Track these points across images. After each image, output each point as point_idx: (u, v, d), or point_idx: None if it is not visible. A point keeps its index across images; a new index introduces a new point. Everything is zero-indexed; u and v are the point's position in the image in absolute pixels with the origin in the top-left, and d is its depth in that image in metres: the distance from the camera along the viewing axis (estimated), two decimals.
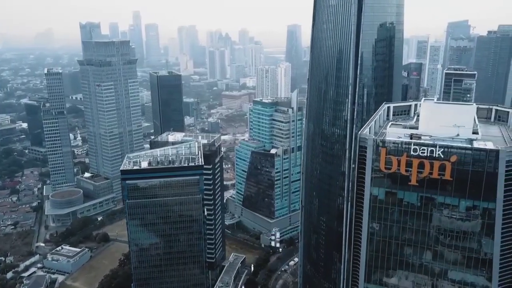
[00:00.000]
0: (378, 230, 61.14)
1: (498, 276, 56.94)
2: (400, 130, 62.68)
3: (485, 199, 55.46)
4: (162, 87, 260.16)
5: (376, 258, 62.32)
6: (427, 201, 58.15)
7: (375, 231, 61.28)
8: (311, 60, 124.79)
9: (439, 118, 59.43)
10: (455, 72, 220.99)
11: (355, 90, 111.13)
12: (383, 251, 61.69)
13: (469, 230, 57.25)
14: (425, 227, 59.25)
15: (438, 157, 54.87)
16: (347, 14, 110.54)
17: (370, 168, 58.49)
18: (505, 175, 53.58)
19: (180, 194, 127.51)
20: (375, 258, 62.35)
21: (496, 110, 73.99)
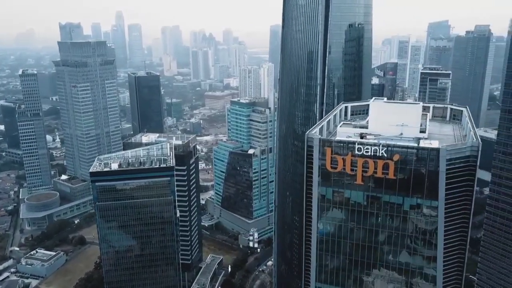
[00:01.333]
0: (327, 229, 61.32)
1: (442, 274, 57.60)
2: (351, 129, 62.93)
3: (428, 197, 56.02)
4: (141, 88, 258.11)
5: (326, 257, 62.56)
6: (373, 200, 58.49)
7: (324, 230, 61.45)
8: (282, 61, 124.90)
9: (387, 117, 59.84)
10: (430, 71, 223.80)
11: (323, 90, 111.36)
12: (332, 250, 61.97)
13: (414, 228, 57.81)
14: (372, 226, 59.64)
15: (381, 156, 55.21)
16: (315, 14, 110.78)
17: (317, 168, 58.61)
18: (446, 174, 54.26)
19: (151, 195, 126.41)
20: (325, 257, 62.58)
21: (451, 109, 75.00)
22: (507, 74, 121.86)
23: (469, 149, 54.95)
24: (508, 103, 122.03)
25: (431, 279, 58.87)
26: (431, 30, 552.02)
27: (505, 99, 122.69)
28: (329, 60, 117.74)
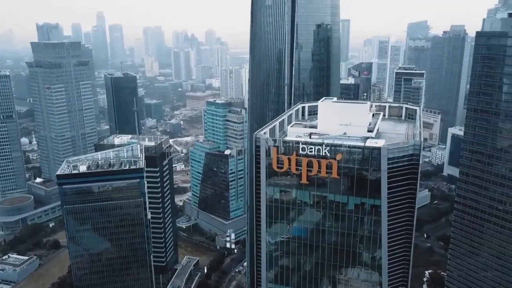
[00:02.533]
0: (276, 229, 61.33)
1: (387, 273, 58.15)
2: (301, 129, 63.12)
3: (371, 196, 56.47)
4: (117, 89, 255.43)
5: (276, 257, 62.60)
6: (319, 199, 58.72)
7: (273, 230, 61.45)
8: (251, 62, 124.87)
9: (336, 117, 60.23)
10: (405, 71, 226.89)
11: (291, 90, 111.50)
12: (281, 250, 62.03)
13: (358, 227, 58.18)
14: (319, 225, 59.86)
15: (325, 155, 55.44)
16: (282, 15, 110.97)
17: (264, 168, 58.59)
18: (388, 172, 54.72)
19: (121, 197, 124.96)
20: (275, 257, 62.60)
21: (406, 108, 75.84)
22: (473, 74, 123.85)
23: (411, 148, 55.51)
24: (474, 102, 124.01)
25: (377, 276, 59.30)
26: (411, 30, 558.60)
27: (471, 98, 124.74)
28: (298, 60, 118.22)
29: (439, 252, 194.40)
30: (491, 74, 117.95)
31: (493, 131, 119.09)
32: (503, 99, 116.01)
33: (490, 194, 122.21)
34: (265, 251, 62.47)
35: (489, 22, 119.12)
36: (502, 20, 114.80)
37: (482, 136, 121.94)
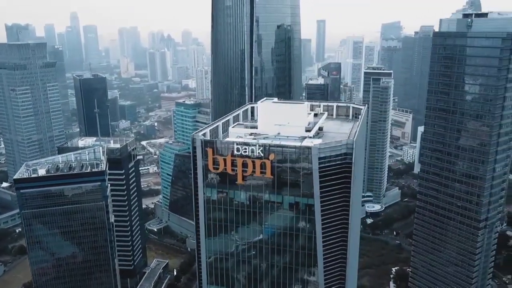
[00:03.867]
0: (214, 230, 61.14)
1: (323, 270, 58.59)
2: (242, 129, 63.13)
3: (305, 195, 56.88)
4: (86, 91, 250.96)
5: (215, 259, 62.42)
6: (255, 199, 58.81)
7: (211, 231, 61.25)
8: (213, 62, 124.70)
9: (275, 117, 60.41)
10: (373, 71, 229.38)
11: (251, 90, 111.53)
12: (221, 252, 61.90)
13: (293, 226, 58.54)
14: (255, 225, 59.99)
15: (258, 155, 55.58)
16: (241, 15, 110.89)
17: (201, 169, 58.37)
18: (320, 171, 55.20)
19: (81, 201, 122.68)
20: (214, 259, 62.42)
21: (353, 107, 76.71)
22: (431, 74, 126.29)
23: (344, 147, 56.04)
24: (433, 101, 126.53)
25: (313, 275, 59.71)
26: (384, 31, 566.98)
27: (430, 98, 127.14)
28: (260, 61, 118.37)
29: (407, 249, 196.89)
30: (448, 74, 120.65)
31: (451, 129, 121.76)
32: (460, 98, 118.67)
33: (449, 191, 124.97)
34: (205, 252, 62.13)
35: (446, 23, 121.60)
36: (457, 21, 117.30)
37: (441, 135, 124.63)
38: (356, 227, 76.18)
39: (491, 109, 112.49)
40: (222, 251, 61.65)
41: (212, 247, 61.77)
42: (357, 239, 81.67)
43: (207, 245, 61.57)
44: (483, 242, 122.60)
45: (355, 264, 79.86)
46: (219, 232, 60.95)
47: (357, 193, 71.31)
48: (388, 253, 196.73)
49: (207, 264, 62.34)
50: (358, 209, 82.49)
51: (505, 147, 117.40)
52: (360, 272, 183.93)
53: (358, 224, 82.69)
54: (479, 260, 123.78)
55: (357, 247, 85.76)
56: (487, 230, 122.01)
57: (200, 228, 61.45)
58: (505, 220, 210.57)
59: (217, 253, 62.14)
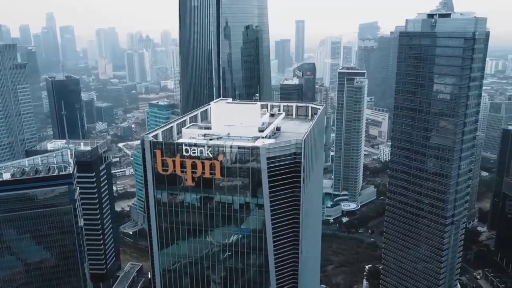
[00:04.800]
0: (166, 233, 60.82)
1: (274, 270, 58.91)
2: (196, 130, 62.93)
3: (254, 195, 57.08)
4: (59, 93, 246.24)
5: (169, 262, 62.13)
6: (206, 200, 58.76)
7: (163, 234, 60.93)
8: (182, 63, 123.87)
9: (228, 117, 60.42)
10: (347, 71, 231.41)
11: (219, 91, 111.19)
12: (173, 254, 61.64)
13: (245, 226, 58.61)
14: (207, 227, 59.90)
15: (207, 156, 55.53)
16: (207, 15, 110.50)
17: (150, 171, 58.03)
18: (269, 171, 55.46)
19: (48, 205, 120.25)
20: (167, 262, 62.10)
21: (312, 107, 77.32)
22: (398, 73, 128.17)
23: (293, 147, 56.43)
24: (400, 100, 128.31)
25: (265, 275, 59.89)
26: (361, 31, 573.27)
27: (397, 97, 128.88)
28: (229, 61, 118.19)
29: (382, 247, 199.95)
30: (414, 73, 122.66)
31: (418, 128, 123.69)
32: (426, 97, 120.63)
33: (418, 188, 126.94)
34: (158, 256, 61.61)
35: (411, 23, 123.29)
36: (422, 21, 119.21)
37: (409, 134, 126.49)
38: (313, 226, 76.25)
39: (455, 108, 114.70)
40: (175, 253, 61.22)
41: (165, 249, 61.25)
42: (315, 238, 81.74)
43: (160, 248, 61.06)
44: (450, 238, 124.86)
45: (313, 263, 79.87)
46: (171, 234, 60.49)
47: (314, 192, 71.83)
48: (363, 251, 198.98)
49: (160, 266, 61.75)
50: (317, 209, 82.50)
51: (469, 145, 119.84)
52: (335, 270, 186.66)
53: (317, 224, 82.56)
54: (446, 256, 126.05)
55: (317, 246, 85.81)
56: (454, 226, 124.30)
57: (152, 230, 60.91)
58: (476, 216, 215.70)
59: (170, 255, 61.66)
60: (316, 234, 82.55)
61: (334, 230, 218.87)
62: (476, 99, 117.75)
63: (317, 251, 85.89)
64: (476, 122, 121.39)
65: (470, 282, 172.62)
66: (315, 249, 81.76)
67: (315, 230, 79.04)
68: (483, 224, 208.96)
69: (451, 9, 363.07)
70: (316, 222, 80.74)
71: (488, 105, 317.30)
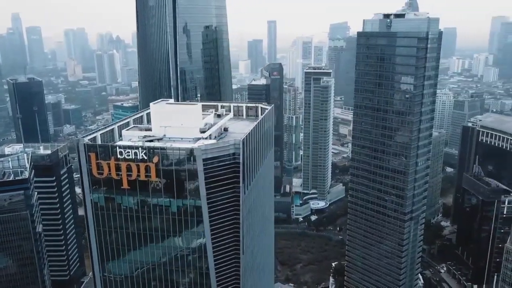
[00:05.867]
0: (105, 237, 60.03)
1: (215, 271, 58.96)
2: (136, 132, 62.31)
3: (192, 197, 56.99)
4: (21, 95, 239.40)
5: (108, 266, 61.23)
6: (142, 204, 58.27)
7: (102, 238, 60.14)
8: (140, 64, 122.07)
9: (168, 119, 60.07)
10: (313, 71, 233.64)
11: (177, 92, 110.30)
12: (113, 259, 60.87)
13: (184, 230, 58.50)
14: (145, 231, 59.48)
15: (142, 159, 55.14)
16: (164, 16, 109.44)
17: (86, 174, 57.07)
18: (206, 173, 55.50)
19: (4, 211, 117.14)
20: (107, 266, 61.25)
21: (262, 108, 77.77)
22: (356, 72, 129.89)
23: (232, 147, 56.56)
24: (359, 99, 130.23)
25: (205, 277, 59.83)
26: (332, 31, 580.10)
27: (356, 96, 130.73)
28: (188, 62, 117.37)
29: None
30: (372, 72, 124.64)
31: (376, 126, 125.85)
32: (383, 96, 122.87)
33: (378, 186, 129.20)
34: (97, 261, 60.61)
35: (369, 23, 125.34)
36: (379, 21, 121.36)
37: (368, 132, 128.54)
38: (262, 226, 76.05)
39: (411, 106, 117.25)
40: (114, 257, 60.22)
41: (104, 254, 60.22)
42: (266, 238, 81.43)
43: (99, 252, 60.03)
44: (409, 234, 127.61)
45: (264, 263, 79.76)
46: (110, 238, 59.51)
47: (262, 192, 71.89)
48: (331, 249, 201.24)
49: (100, 272, 60.68)
50: (267, 208, 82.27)
51: (426, 142, 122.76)
52: (304, 268, 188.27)
53: (267, 223, 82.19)
54: (406, 251, 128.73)
55: (268, 245, 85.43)
56: (413, 222, 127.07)
57: (90, 234, 59.83)
58: (440, 212, 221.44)
59: (110, 260, 60.61)
60: (267, 233, 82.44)
61: (303, 228, 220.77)
62: (431, 97, 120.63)
63: (269, 251, 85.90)
64: (431, 120, 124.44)
65: (434, 276, 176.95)
66: (266, 249, 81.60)
67: (265, 229, 79.05)
68: (447, 219, 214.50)
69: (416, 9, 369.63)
70: (266, 221, 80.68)
71: (452, 102, 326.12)
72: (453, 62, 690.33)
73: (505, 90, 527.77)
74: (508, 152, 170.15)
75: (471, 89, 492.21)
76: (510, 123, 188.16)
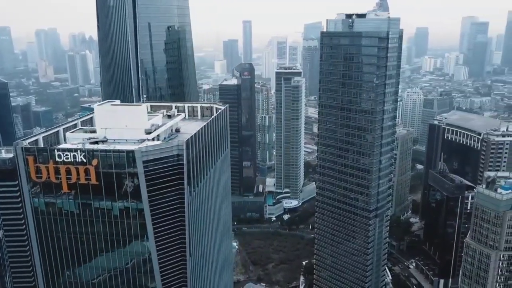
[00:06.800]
0: (47, 242, 58.79)
1: (160, 273, 58.48)
2: (81, 135, 61.17)
3: (134, 199, 56.41)
4: None
5: (52, 273, 60.04)
6: (84, 207, 57.42)
7: (44, 243, 58.85)
8: (102, 65, 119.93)
9: (113, 120, 59.18)
10: (284, 71, 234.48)
11: (138, 92, 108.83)
12: (56, 265, 59.69)
13: (126, 232, 57.85)
14: (88, 234, 58.61)
15: (81, 161, 54.23)
16: (124, 16, 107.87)
17: (25, 178, 55.78)
18: (148, 174, 54.95)
19: None
20: (50, 273, 60.02)
21: (216, 108, 77.44)
22: (321, 72, 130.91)
23: (175, 148, 56.14)
24: (324, 99, 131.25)
25: (150, 279, 59.20)
26: (306, 31, 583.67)
27: (321, 95, 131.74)
28: (151, 62, 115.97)
29: None
30: (335, 72, 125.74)
31: (341, 125, 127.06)
32: (346, 95, 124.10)
33: (343, 184, 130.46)
34: (40, 267, 59.26)
35: (332, 23, 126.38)
36: (342, 21, 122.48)
37: (333, 131, 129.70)
38: (217, 227, 75.45)
39: (373, 105, 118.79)
40: (57, 263, 58.88)
41: (47, 260, 58.80)
42: (221, 239, 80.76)
43: (41, 257, 58.60)
44: (375, 231, 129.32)
45: (219, 264, 79.22)
46: (52, 243, 58.12)
47: (215, 193, 71.38)
48: (303, 247, 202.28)
49: (43, 277, 59.20)
50: (223, 209, 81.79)
51: (389, 140, 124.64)
52: (276, 268, 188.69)
53: (222, 224, 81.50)
54: (372, 248, 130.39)
55: (225, 247, 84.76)
56: (378, 219, 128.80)
57: (31, 240, 58.38)
58: (410, 208, 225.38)
59: (52, 266, 59.17)
60: (223, 234, 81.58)
61: (276, 228, 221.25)
62: (393, 96, 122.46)
63: (226, 251, 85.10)
64: (394, 118, 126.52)
65: (403, 271, 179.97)
66: (222, 250, 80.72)
67: (220, 230, 78.34)
68: (416, 216, 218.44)
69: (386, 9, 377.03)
70: (221, 222, 79.85)
71: (422, 101, 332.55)
72: (425, 61, 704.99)
73: (474, 88, 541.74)
74: (471, 149, 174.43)
75: (442, 87, 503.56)
76: (474, 121, 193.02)
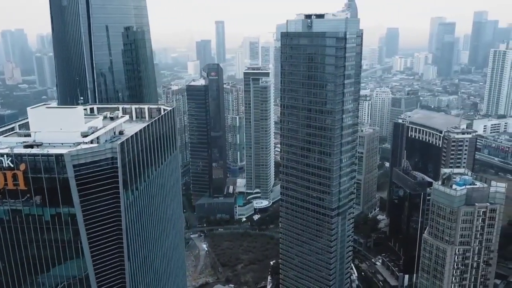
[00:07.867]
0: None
1: (96, 284, 57.45)
2: (14, 138, 59.57)
3: (65, 205, 55.31)
4: None
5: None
6: (14, 214, 56.00)
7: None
8: (57, 66, 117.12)
9: (47, 123, 57.82)
10: (252, 71, 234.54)
11: (95, 94, 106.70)
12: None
13: (59, 238, 56.72)
14: (19, 242, 57.08)
15: (8, 166, 52.87)
16: (77, 16, 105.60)
17: None
18: (77, 179, 53.94)
19: None
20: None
21: (164, 109, 76.75)
22: (282, 73, 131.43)
23: (109, 151, 55.27)
24: (286, 99, 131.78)
25: (86, 284, 58.08)
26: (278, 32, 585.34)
27: (283, 96, 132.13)
28: (108, 64, 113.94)
29: None
30: (295, 72, 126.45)
31: (302, 125, 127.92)
32: (307, 95, 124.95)
33: (306, 183, 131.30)
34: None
35: (292, 23, 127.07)
36: (302, 22, 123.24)
37: (294, 131, 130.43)
38: (163, 231, 74.52)
39: (332, 105, 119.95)
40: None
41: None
42: (170, 243, 79.76)
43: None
44: (337, 229, 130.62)
45: (168, 268, 78.16)
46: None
47: (160, 196, 70.45)
48: (272, 247, 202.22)
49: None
50: (170, 212, 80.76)
51: (349, 139, 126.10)
52: (245, 268, 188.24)
53: (171, 228, 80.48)
54: (335, 246, 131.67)
55: (175, 250, 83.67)
56: (340, 217, 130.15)
57: None
58: (377, 205, 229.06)
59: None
60: (172, 238, 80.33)
61: (246, 228, 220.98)
62: (353, 95, 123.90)
63: (176, 255, 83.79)
64: (355, 118, 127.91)
65: (370, 268, 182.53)
66: (171, 254, 79.51)
67: (168, 234, 77.23)
68: (383, 213, 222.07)
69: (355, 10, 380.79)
70: (170, 225, 78.68)
71: (391, 100, 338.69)
72: (396, 61, 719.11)
73: (442, 87, 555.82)
74: (433, 146, 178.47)
75: (412, 86, 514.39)
76: (436, 119, 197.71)
